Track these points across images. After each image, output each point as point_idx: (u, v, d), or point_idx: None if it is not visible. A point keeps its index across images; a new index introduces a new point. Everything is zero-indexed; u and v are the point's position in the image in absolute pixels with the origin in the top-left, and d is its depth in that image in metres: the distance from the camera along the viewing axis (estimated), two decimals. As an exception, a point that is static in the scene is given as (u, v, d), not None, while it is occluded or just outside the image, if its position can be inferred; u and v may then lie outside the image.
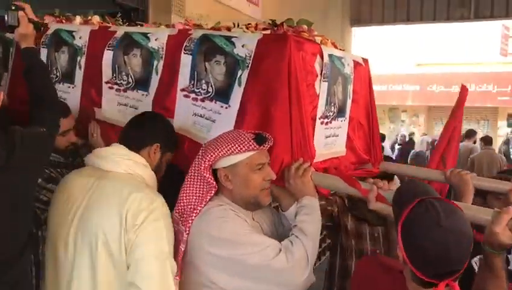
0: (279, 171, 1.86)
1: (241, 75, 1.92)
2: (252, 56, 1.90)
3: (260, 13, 6.15)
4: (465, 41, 16.83)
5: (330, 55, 2.02)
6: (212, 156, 1.68)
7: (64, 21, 2.74)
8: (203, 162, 1.70)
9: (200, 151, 1.75)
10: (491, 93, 17.94)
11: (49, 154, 1.93)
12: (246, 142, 1.68)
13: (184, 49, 2.08)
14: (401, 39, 15.62)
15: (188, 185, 1.74)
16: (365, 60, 2.40)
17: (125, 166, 1.77)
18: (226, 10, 5.49)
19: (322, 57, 1.98)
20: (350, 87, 2.21)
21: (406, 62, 16.42)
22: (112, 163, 1.77)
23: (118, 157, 1.79)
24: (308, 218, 1.74)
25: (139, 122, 1.95)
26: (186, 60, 2.08)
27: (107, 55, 2.33)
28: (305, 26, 2.01)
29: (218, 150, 1.69)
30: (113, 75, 2.33)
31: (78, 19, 2.70)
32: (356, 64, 2.27)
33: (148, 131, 1.91)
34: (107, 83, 2.35)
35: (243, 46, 1.93)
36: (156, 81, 2.20)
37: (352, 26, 10.07)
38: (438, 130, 16.66)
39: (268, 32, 2.00)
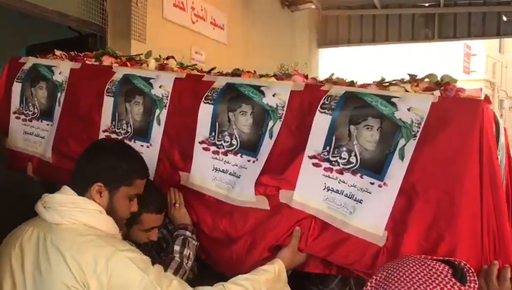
0: None
1: (403, 146, 1.55)
2: (423, 123, 1.53)
3: (225, 37, 6.03)
4: (429, 60, 17.22)
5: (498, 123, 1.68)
6: None
7: (128, 64, 2.37)
8: None
9: None
10: (455, 109, 18.36)
11: None
12: (447, 285, 1.18)
13: (321, 108, 1.72)
14: (368, 57, 15.84)
15: None
16: (505, 129, 2.01)
17: (70, 217, 1.52)
18: (190, 34, 5.33)
19: (497, 125, 1.62)
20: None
21: (373, 80, 16.67)
22: (55, 215, 1.54)
23: (62, 207, 1.55)
24: None
25: (80, 158, 1.68)
26: (323, 120, 1.71)
27: (205, 110, 1.95)
28: (455, 84, 1.69)
29: None
30: (211, 134, 1.95)
31: (153, 63, 2.33)
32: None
33: (86, 168, 1.63)
34: (202, 143, 1.97)
35: (409, 109, 1.57)
36: (268, 145, 1.82)
37: (319, 48, 10.10)
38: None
39: (436, 93, 1.63)
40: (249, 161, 1.87)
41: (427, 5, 9.12)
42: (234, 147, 1.91)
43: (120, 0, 4.44)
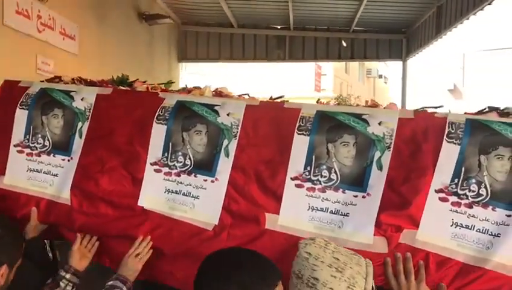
0: None
1: None
2: None
3: (77, 48, 5.82)
4: (284, 78, 18.45)
5: None
6: None
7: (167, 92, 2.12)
8: None
9: None
10: (309, 124, 19.93)
11: None
12: None
13: (448, 137, 1.61)
14: (227, 74, 16.44)
15: None
16: None
17: None
18: (35, 43, 5.05)
19: None
20: None
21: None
22: None
23: None
24: None
25: None
26: (451, 151, 1.59)
27: (300, 143, 1.75)
28: None
29: None
30: (306, 168, 1.73)
31: (209, 90, 2.11)
32: None
33: None
34: (295, 179, 1.75)
35: None
36: (379, 178, 1.66)
37: (180, 62, 10.24)
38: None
39: None
40: (355, 196, 1.69)
41: (279, 27, 9.84)
42: (334, 182, 1.72)
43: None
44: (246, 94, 2.33)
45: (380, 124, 1.71)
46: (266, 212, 1.75)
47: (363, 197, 1.68)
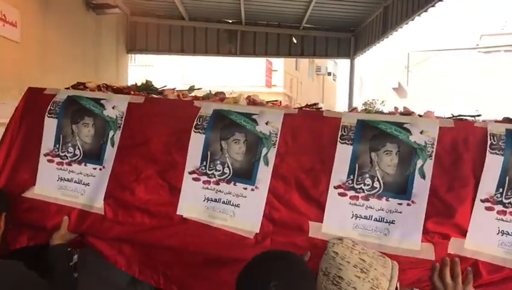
0: None
1: None
2: None
3: (19, 35, 5.54)
4: (236, 73, 18.45)
5: None
6: None
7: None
8: None
9: None
10: (259, 119, 20.01)
11: None
12: None
13: (491, 148, 1.66)
14: (177, 67, 16.26)
15: None
16: None
17: None
18: (-27, 29, 4.78)
19: None
20: None
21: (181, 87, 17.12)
22: None
23: None
24: None
25: None
26: (495, 162, 1.65)
27: (343, 152, 1.80)
28: None
29: None
30: (349, 177, 1.80)
31: (243, 97, 2.12)
32: None
33: None
34: (338, 187, 1.79)
35: None
36: (422, 186, 1.70)
37: (129, 53, 10.00)
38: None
39: None
40: (400, 204, 1.73)
41: (230, 21, 9.81)
42: (377, 190, 1.76)
43: None
44: (275, 100, 2.40)
45: (421, 132, 1.76)
46: (309, 220, 1.79)
47: (408, 204, 1.72)
